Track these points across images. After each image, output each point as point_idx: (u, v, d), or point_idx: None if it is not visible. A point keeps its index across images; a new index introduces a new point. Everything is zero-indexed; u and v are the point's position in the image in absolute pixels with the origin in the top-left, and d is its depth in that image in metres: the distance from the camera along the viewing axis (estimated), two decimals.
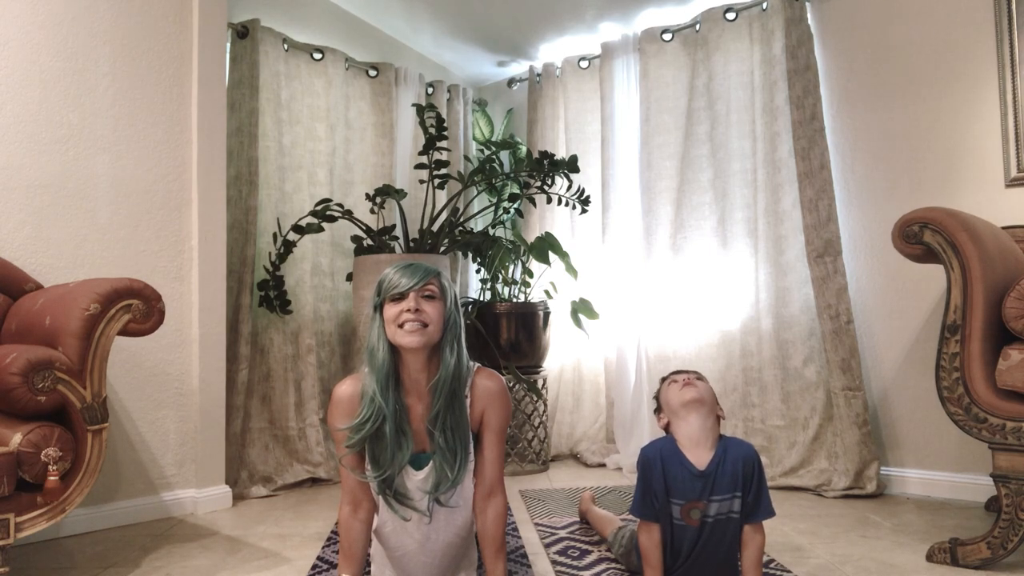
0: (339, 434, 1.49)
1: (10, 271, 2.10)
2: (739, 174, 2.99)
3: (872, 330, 2.69)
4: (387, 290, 1.46)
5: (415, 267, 1.47)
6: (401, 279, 1.45)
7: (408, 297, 1.44)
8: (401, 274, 1.46)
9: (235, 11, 2.95)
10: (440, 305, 1.47)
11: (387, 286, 1.46)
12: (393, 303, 1.45)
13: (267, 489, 2.74)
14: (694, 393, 1.56)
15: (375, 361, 1.47)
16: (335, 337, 3.21)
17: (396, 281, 1.45)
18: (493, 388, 1.53)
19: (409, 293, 1.44)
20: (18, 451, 1.56)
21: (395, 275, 1.46)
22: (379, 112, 3.46)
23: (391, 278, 1.46)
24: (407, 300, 1.43)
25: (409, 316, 1.42)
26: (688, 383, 1.58)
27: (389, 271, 1.49)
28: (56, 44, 2.30)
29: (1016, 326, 1.72)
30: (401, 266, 1.48)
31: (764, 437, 2.84)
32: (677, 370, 1.69)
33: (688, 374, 1.63)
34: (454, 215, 3.10)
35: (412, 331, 1.42)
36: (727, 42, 3.03)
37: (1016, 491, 1.71)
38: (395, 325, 1.43)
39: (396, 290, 1.44)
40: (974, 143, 2.51)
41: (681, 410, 1.56)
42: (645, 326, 3.17)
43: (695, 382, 1.59)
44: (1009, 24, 2.42)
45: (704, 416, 1.55)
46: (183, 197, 2.58)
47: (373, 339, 1.48)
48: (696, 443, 1.53)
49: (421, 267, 1.48)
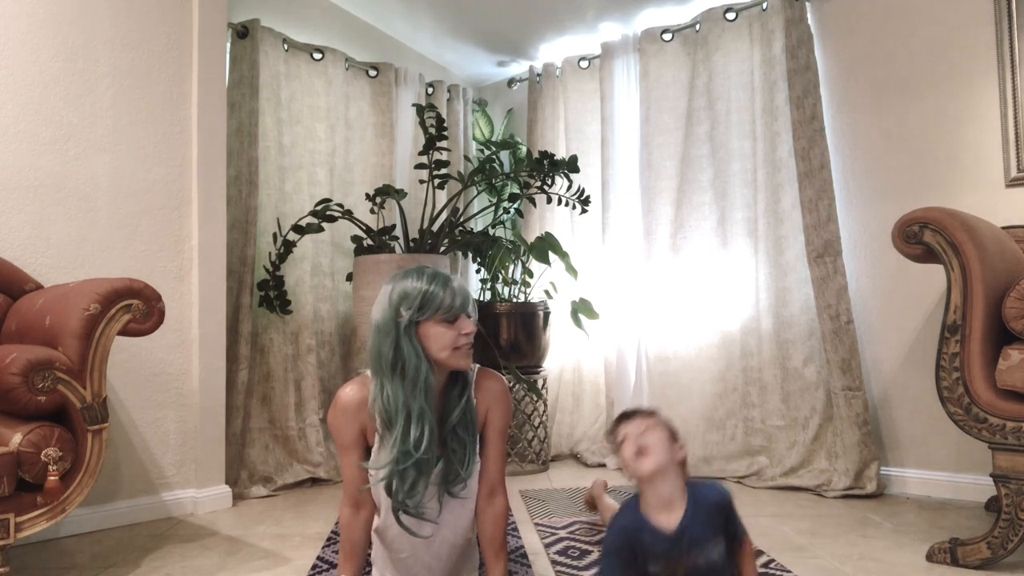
0: (344, 439, 1.47)
1: (10, 271, 2.10)
2: (739, 174, 2.99)
3: (872, 330, 2.69)
4: (439, 310, 1.39)
5: (455, 282, 1.42)
6: (455, 301, 1.40)
7: (464, 321, 1.41)
8: (450, 294, 1.40)
9: (235, 11, 2.95)
10: (475, 329, 1.45)
11: (439, 305, 1.39)
12: (443, 324, 1.40)
13: (267, 489, 2.74)
14: (652, 465, 1.36)
15: (416, 380, 1.39)
16: (335, 337, 3.21)
17: (449, 302, 1.39)
18: (496, 388, 1.54)
19: (462, 316, 1.41)
20: (18, 451, 1.56)
21: (443, 294, 1.39)
22: (379, 112, 3.46)
23: (441, 298, 1.39)
24: (465, 324, 1.40)
25: (466, 340, 1.40)
26: (641, 452, 1.36)
27: (427, 287, 1.40)
28: (56, 44, 2.31)
29: (1016, 326, 1.72)
30: (439, 283, 1.41)
31: (764, 437, 2.84)
32: (627, 412, 1.45)
33: (639, 424, 1.40)
34: (454, 215, 3.10)
35: (466, 355, 1.42)
36: (727, 42, 3.03)
37: (1016, 491, 1.71)
38: (450, 348, 1.40)
39: (452, 313, 1.39)
40: (974, 143, 2.51)
41: (645, 484, 1.39)
42: (645, 326, 3.17)
43: (648, 443, 1.37)
44: (1009, 24, 2.42)
45: (672, 477, 1.38)
46: (183, 197, 2.58)
47: (411, 357, 1.39)
48: (666, 504, 1.38)
49: (456, 281, 1.43)
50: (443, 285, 1.41)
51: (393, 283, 1.43)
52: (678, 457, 1.39)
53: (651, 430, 1.38)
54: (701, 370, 3.03)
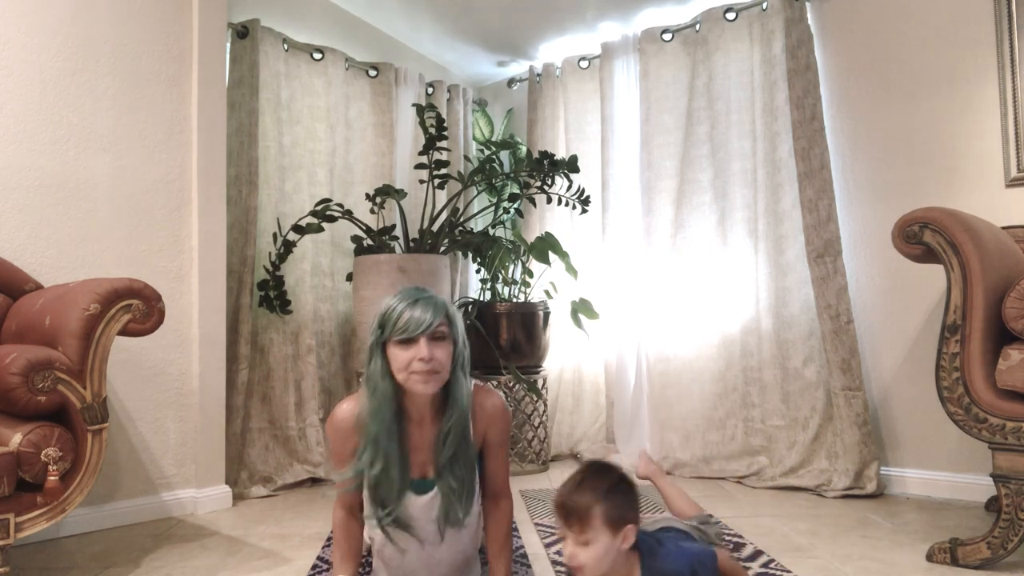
0: (338, 455, 1.46)
1: (10, 271, 2.10)
2: (739, 174, 2.99)
3: (872, 330, 2.69)
4: (394, 331, 1.35)
5: (424, 303, 1.36)
6: (409, 322, 1.33)
7: (419, 343, 1.33)
8: (409, 314, 1.34)
9: (235, 11, 2.95)
10: (449, 345, 1.38)
11: (394, 327, 1.35)
12: (401, 346, 1.34)
13: (267, 489, 2.74)
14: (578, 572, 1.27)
15: (377, 399, 1.38)
16: (335, 337, 3.21)
17: (404, 323, 1.33)
18: (494, 409, 1.49)
19: (420, 338, 1.33)
20: (18, 451, 1.56)
21: (403, 314, 1.34)
22: (379, 112, 3.46)
23: (398, 318, 1.34)
24: (418, 346, 1.33)
25: (421, 366, 1.33)
26: (577, 568, 1.26)
27: (395, 305, 1.37)
28: (56, 44, 2.30)
29: (1016, 326, 1.72)
30: (408, 301, 1.36)
31: (764, 437, 2.85)
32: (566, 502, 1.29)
33: (576, 530, 1.26)
34: (454, 215, 3.10)
35: (424, 381, 1.34)
36: (727, 42, 3.03)
37: (1016, 491, 1.71)
38: (405, 371, 1.35)
39: (405, 335, 1.33)
40: (974, 143, 2.51)
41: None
42: (645, 326, 3.17)
43: (582, 560, 1.26)
44: (1009, 24, 2.42)
45: (618, 566, 1.30)
46: (183, 197, 2.58)
47: (376, 376, 1.39)
48: None
49: (430, 303, 1.36)
50: (409, 305, 1.35)
51: (386, 298, 1.43)
52: (624, 547, 1.28)
53: (589, 543, 1.25)
54: (701, 370, 3.03)
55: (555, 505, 1.32)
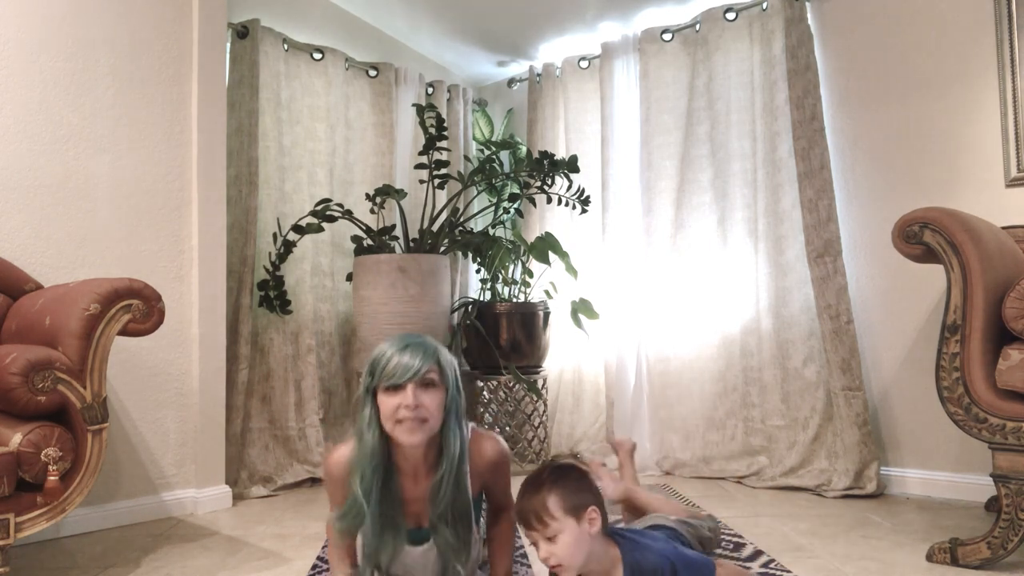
0: (333, 500, 1.44)
1: (10, 271, 2.10)
2: (739, 174, 2.99)
3: (872, 330, 2.69)
4: (382, 378, 1.32)
5: (413, 349, 1.32)
6: (397, 368, 1.30)
7: (406, 390, 1.30)
8: (398, 359, 1.31)
9: (235, 11, 2.94)
10: (440, 393, 1.34)
11: (383, 374, 1.32)
12: (389, 393, 1.31)
13: (267, 489, 2.74)
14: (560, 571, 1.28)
15: (364, 449, 1.35)
16: (335, 337, 3.21)
17: (392, 370, 1.30)
18: (495, 454, 1.46)
19: (407, 385, 1.30)
20: (18, 451, 1.56)
21: (391, 361, 1.31)
22: (379, 112, 3.46)
23: (387, 364, 1.31)
24: (405, 393, 1.30)
25: (407, 414, 1.29)
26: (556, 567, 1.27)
27: (385, 351, 1.34)
28: (56, 44, 2.30)
29: (1016, 326, 1.72)
30: (398, 347, 1.33)
31: (764, 437, 2.84)
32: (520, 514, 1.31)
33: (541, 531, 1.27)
34: (454, 215, 3.10)
35: (411, 430, 1.30)
36: (727, 42, 3.03)
37: (1016, 491, 1.71)
38: (392, 420, 1.31)
39: (392, 381, 1.30)
40: (974, 143, 2.51)
41: None
42: (645, 325, 3.17)
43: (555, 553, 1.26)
44: (1009, 24, 2.42)
45: (596, 552, 1.30)
46: (183, 197, 2.58)
47: (363, 425, 1.36)
48: None
49: (420, 348, 1.33)
50: (399, 350, 1.32)
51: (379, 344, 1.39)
52: (593, 531, 1.28)
53: (557, 537, 1.25)
54: (701, 370, 3.03)
55: (516, 515, 1.32)
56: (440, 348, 1.38)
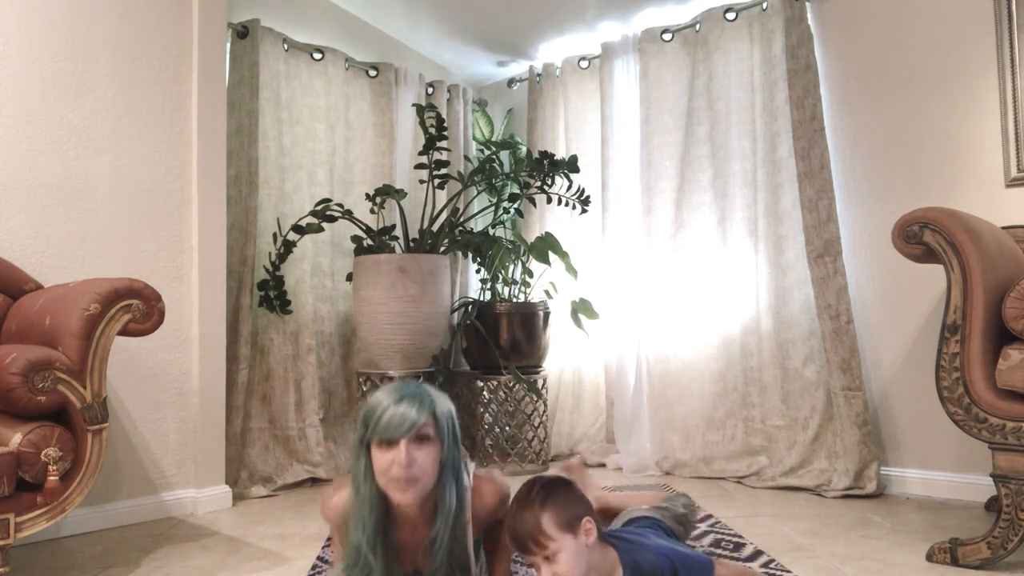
0: (332, 534, 1.43)
1: (10, 271, 2.10)
2: (739, 174, 2.99)
3: (872, 330, 2.69)
4: (375, 432, 1.27)
5: (408, 402, 1.28)
6: (391, 423, 1.26)
7: (399, 446, 1.26)
8: (392, 412, 1.27)
9: (235, 11, 2.95)
10: (435, 448, 1.30)
11: (376, 427, 1.27)
12: (383, 448, 1.27)
13: (267, 489, 2.74)
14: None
15: (359, 502, 1.32)
16: (335, 337, 3.21)
17: (385, 424, 1.26)
18: (495, 507, 1.44)
19: (400, 441, 1.26)
20: (18, 451, 1.56)
21: (384, 413, 1.27)
22: (379, 112, 3.46)
23: (380, 417, 1.27)
24: (398, 450, 1.26)
25: (400, 472, 1.25)
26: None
27: (380, 403, 1.29)
28: (56, 44, 2.30)
29: (1016, 326, 1.72)
30: (393, 399, 1.29)
31: (764, 437, 2.85)
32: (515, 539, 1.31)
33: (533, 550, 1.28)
34: (454, 215, 3.10)
35: (403, 489, 1.27)
36: (727, 42, 3.03)
37: (1016, 491, 1.71)
38: (385, 476, 1.28)
39: (385, 436, 1.26)
40: (974, 143, 2.51)
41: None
42: (645, 325, 3.17)
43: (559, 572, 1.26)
44: (1009, 24, 2.42)
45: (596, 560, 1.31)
46: (183, 197, 2.58)
47: (359, 477, 1.32)
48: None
49: (415, 401, 1.29)
50: (394, 402, 1.28)
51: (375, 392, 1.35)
52: (590, 541, 1.29)
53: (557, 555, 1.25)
54: (701, 370, 3.03)
55: (510, 542, 1.31)
56: (437, 399, 1.34)
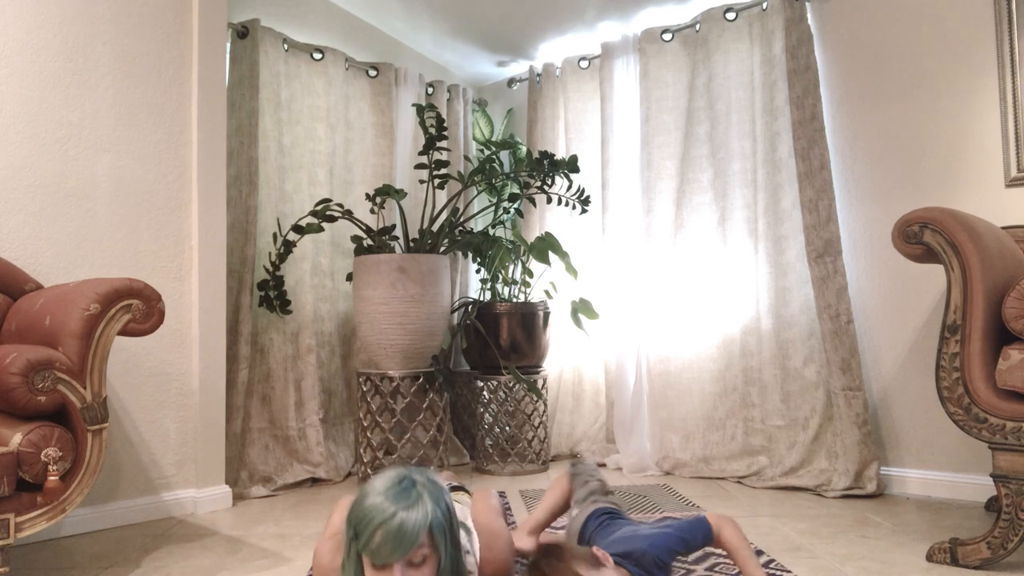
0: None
1: (10, 271, 2.10)
2: (739, 174, 2.99)
3: (872, 330, 2.69)
4: (366, 550, 1.17)
5: (404, 517, 1.15)
6: (383, 547, 1.15)
7: (393, 570, 1.16)
8: (384, 533, 1.15)
9: (235, 11, 2.95)
10: (432, 563, 1.21)
11: (367, 545, 1.16)
12: (374, 570, 1.18)
13: (267, 489, 2.74)
14: None
15: None
16: (335, 337, 3.21)
17: (377, 547, 1.15)
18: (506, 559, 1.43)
19: (394, 566, 1.16)
20: (18, 451, 1.56)
21: (376, 533, 1.15)
22: (379, 112, 3.46)
23: (372, 534, 1.15)
24: (391, 572, 1.16)
25: None
26: None
27: (370, 516, 1.16)
28: (56, 44, 2.30)
29: (1016, 326, 1.72)
30: (387, 514, 1.15)
31: (764, 437, 2.85)
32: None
33: None
34: (454, 215, 3.10)
35: None
36: (727, 42, 3.03)
37: (1016, 491, 1.71)
38: None
39: (377, 560, 1.16)
40: (974, 143, 2.51)
41: None
42: (645, 325, 3.17)
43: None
44: (1009, 24, 2.42)
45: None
46: (183, 197, 2.58)
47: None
48: None
49: (411, 516, 1.16)
50: (388, 519, 1.15)
51: (367, 484, 1.24)
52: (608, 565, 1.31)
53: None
54: (701, 370, 3.03)
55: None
56: (433, 510, 1.20)
